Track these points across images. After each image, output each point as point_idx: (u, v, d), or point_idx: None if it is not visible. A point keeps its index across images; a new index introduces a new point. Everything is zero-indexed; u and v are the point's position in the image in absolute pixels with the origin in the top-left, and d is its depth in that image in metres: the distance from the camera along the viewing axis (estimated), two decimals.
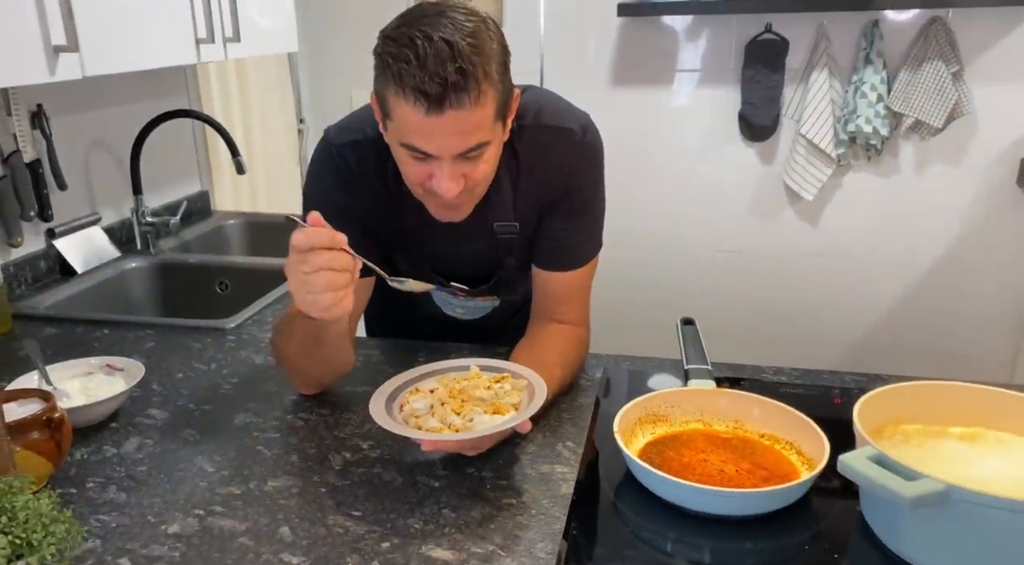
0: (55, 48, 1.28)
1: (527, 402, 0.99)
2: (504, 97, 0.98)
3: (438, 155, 0.97)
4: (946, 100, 2.36)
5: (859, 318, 2.74)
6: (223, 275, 1.93)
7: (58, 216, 1.78)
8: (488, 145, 0.99)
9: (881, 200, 2.61)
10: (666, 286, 2.84)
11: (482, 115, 0.94)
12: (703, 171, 2.71)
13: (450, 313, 1.36)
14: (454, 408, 0.99)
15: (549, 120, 1.13)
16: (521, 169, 1.13)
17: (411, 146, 0.97)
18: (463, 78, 0.90)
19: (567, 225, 1.18)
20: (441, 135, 0.95)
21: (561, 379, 1.16)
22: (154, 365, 1.33)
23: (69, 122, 1.82)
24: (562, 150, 1.13)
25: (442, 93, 0.90)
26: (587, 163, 1.16)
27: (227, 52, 1.79)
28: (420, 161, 0.99)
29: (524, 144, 1.12)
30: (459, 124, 0.93)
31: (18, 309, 1.56)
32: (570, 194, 1.16)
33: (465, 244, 1.20)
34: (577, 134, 1.13)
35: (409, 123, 0.94)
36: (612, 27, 2.61)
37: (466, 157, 0.98)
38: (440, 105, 0.91)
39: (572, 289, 1.23)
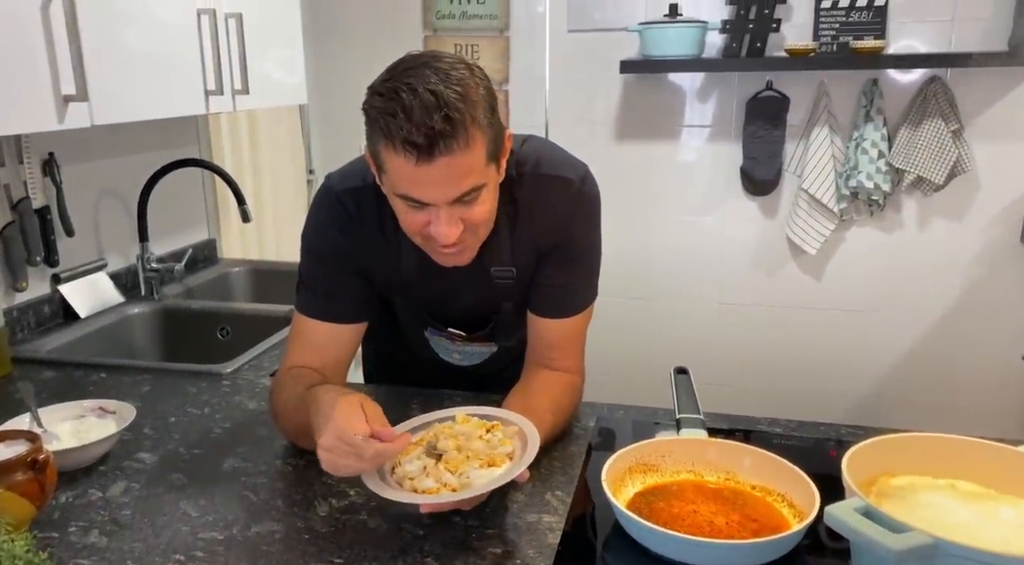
0: (65, 97, 1.32)
1: (520, 451, 0.98)
2: (494, 139, 0.99)
3: (433, 203, 0.98)
4: (947, 157, 2.37)
5: (863, 373, 2.71)
6: (225, 321, 1.94)
7: (64, 262, 1.81)
8: (483, 188, 1.00)
9: (884, 255, 2.61)
10: (666, 338, 2.83)
11: (473, 160, 0.95)
12: (706, 224, 2.73)
13: (447, 359, 1.35)
14: (447, 467, 0.97)
15: (548, 169, 1.14)
16: (519, 215, 1.14)
17: (407, 197, 0.98)
18: (450, 126, 0.91)
19: (563, 273, 1.19)
20: (434, 184, 0.96)
21: (553, 425, 1.15)
22: (148, 409, 1.33)
23: (80, 170, 1.87)
24: (560, 198, 1.14)
25: (431, 142, 0.91)
26: (584, 213, 1.17)
27: (236, 104, 1.83)
28: (417, 210, 1.00)
29: (523, 192, 1.14)
30: (451, 171, 0.94)
31: (19, 353, 1.58)
32: (567, 242, 1.17)
33: (462, 289, 1.20)
34: (575, 184, 1.14)
35: (402, 174, 0.96)
36: (615, 83, 2.66)
37: (462, 202, 0.99)
38: (430, 154, 0.92)
39: (567, 336, 1.23)
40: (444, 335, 1.29)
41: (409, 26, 2.79)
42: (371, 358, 1.54)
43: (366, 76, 1.00)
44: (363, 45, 2.83)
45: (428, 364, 1.38)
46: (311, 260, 1.18)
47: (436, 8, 2.76)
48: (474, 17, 2.75)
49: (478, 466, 0.96)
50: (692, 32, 2.46)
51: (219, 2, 1.73)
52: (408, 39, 2.78)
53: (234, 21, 1.78)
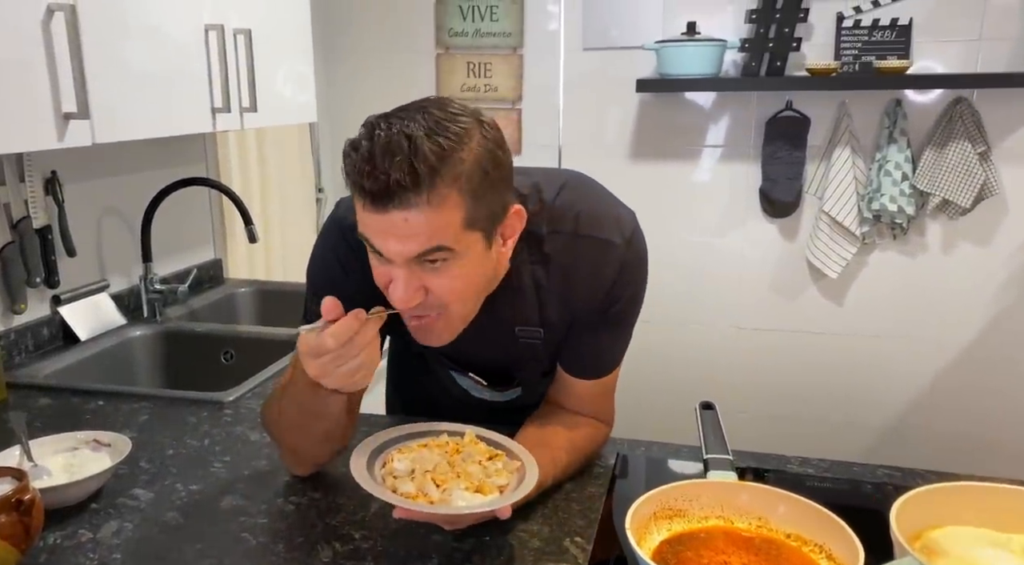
0: (65, 114, 1.28)
1: (514, 486, 0.93)
2: (485, 208, 0.87)
3: (388, 258, 0.87)
4: (973, 180, 2.31)
5: (888, 401, 2.63)
6: (229, 344, 1.88)
7: (66, 283, 1.76)
8: (452, 254, 0.87)
9: (908, 280, 2.53)
10: (686, 364, 2.76)
11: (438, 221, 0.83)
12: (723, 246, 2.66)
13: (477, 395, 1.25)
14: (435, 478, 0.92)
15: (588, 230, 1.02)
16: (551, 275, 1.03)
17: (367, 240, 0.88)
18: (412, 178, 0.80)
19: (599, 337, 1.09)
20: (386, 236, 0.85)
21: (567, 465, 1.08)
22: (145, 440, 1.27)
23: (83, 188, 1.82)
24: (602, 263, 1.02)
25: (384, 192, 0.81)
26: (629, 276, 1.04)
27: (243, 122, 1.79)
28: (381, 262, 0.90)
29: (558, 251, 1.02)
30: (407, 227, 0.83)
31: (15, 378, 1.52)
32: (607, 307, 1.06)
33: (484, 344, 1.09)
34: (620, 248, 1.02)
35: (361, 217, 0.87)
36: (631, 101, 2.61)
37: (424, 266, 0.87)
38: (382, 204, 0.82)
39: (597, 393, 1.15)
40: (470, 378, 1.20)
41: (421, 44, 2.75)
42: (396, 394, 1.45)
43: (377, 93, 0.96)
44: (375, 62, 2.79)
45: (456, 402, 1.27)
46: (312, 293, 1.08)
47: (449, 26, 2.72)
48: (487, 35, 2.71)
49: (464, 488, 0.91)
50: (710, 51, 2.41)
51: (227, 17, 1.69)
52: (420, 57, 2.74)
53: (243, 37, 1.73)
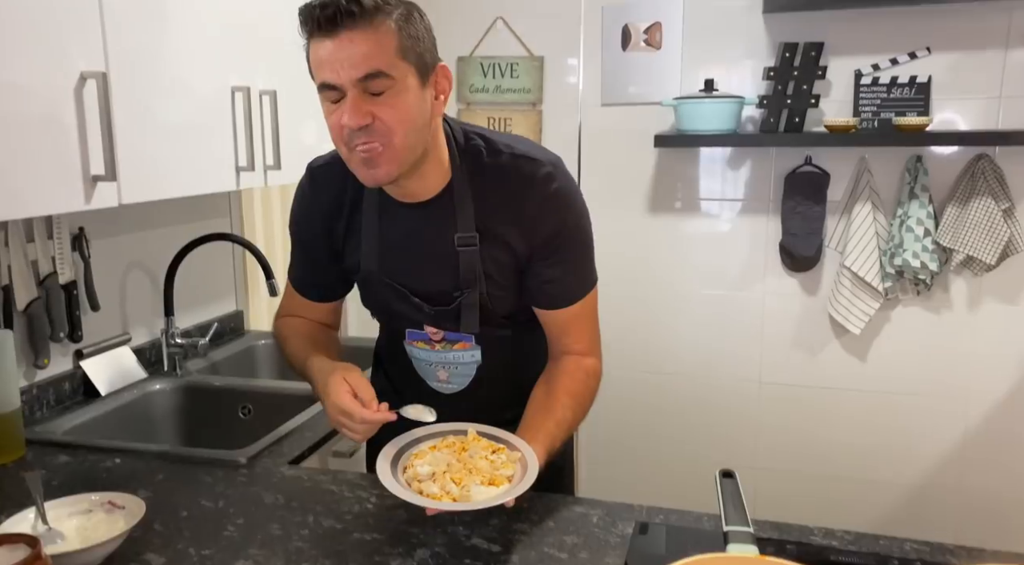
0: (94, 177, 1.31)
1: (520, 475, 1.08)
2: (414, 48, 1.06)
3: (339, 82, 1.03)
4: (998, 237, 2.28)
5: (915, 461, 2.56)
6: (247, 399, 1.89)
7: (89, 336, 1.78)
8: (392, 81, 1.04)
9: (933, 336, 2.49)
10: (706, 419, 2.72)
11: (378, 43, 1.02)
12: (744, 300, 2.64)
13: (435, 385, 1.33)
14: (453, 477, 1.07)
15: (522, 151, 1.19)
16: (487, 185, 1.18)
17: (323, 84, 1.05)
18: (355, 5, 0.99)
19: (555, 267, 1.22)
20: (338, 59, 1.02)
21: (574, 415, 1.23)
22: (160, 501, 1.26)
23: (109, 244, 1.85)
24: (532, 178, 1.17)
25: (333, 16, 1.00)
26: (563, 200, 1.19)
27: (267, 179, 1.82)
28: (335, 107, 1.06)
29: (494, 165, 1.18)
30: (353, 48, 1.01)
31: (34, 434, 1.53)
32: (553, 235, 1.19)
33: (426, 260, 1.22)
34: (547, 167, 1.18)
35: (316, 58, 1.05)
36: (649, 155, 2.63)
37: (371, 94, 1.04)
38: (333, 27, 1.00)
39: (575, 321, 1.27)
40: (422, 337, 1.29)
41: None
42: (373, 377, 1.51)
43: None
44: None
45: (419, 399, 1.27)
46: (291, 236, 1.35)
47: (470, 82, 2.77)
48: (508, 91, 2.75)
49: (479, 482, 1.07)
50: (728, 107, 2.42)
51: (254, 80, 1.73)
52: None
53: (268, 98, 1.78)
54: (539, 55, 2.71)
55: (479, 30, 2.73)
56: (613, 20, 2.62)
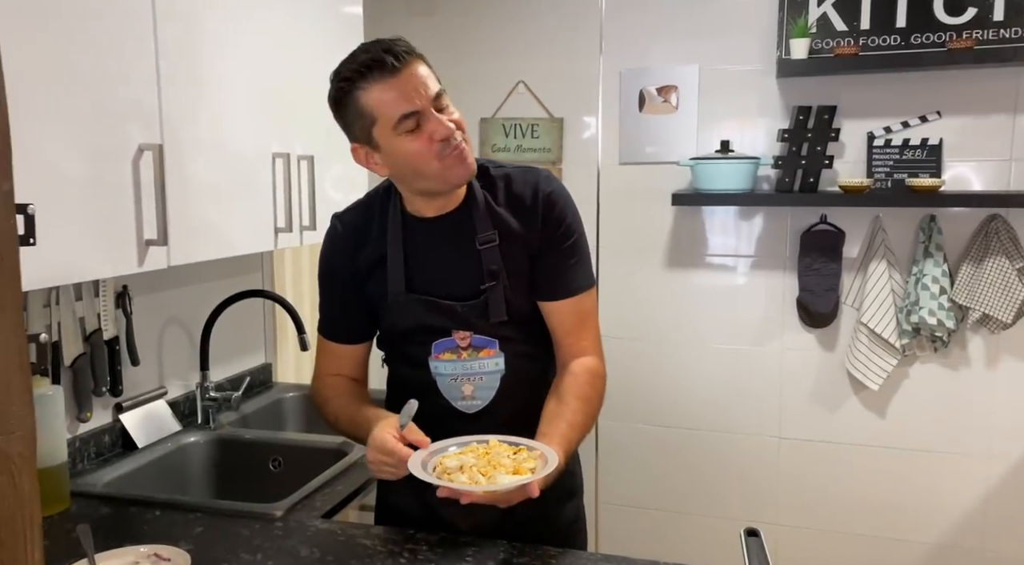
0: (147, 242, 1.39)
1: (541, 468, 1.18)
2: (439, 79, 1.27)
3: (421, 107, 1.21)
4: (1013, 296, 2.32)
5: (936, 520, 2.56)
6: (277, 452, 1.93)
7: (128, 390, 1.84)
8: (447, 98, 1.25)
9: (952, 393, 2.51)
10: (727, 474, 2.73)
11: (429, 70, 1.24)
12: (762, 356, 2.68)
13: (459, 404, 1.38)
14: (481, 470, 1.17)
15: (520, 165, 1.41)
16: (497, 193, 1.36)
17: (403, 116, 1.21)
18: (404, 49, 1.21)
19: (556, 259, 1.36)
20: (413, 88, 1.20)
21: (584, 420, 1.32)
22: (201, 553, 1.31)
23: (149, 300, 1.93)
24: (532, 182, 1.36)
25: (395, 56, 1.19)
26: (559, 200, 1.36)
27: (303, 239, 1.90)
28: (418, 132, 1.22)
29: (499, 177, 1.37)
30: (419, 76, 1.22)
31: (77, 486, 1.58)
32: (556, 229, 1.35)
33: (453, 262, 1.35)
34: (542, 172, 1.38)
35: (387, 99, 1.20)
36: (666, 212, 2.70)
37: (440, 108, 1.23)
38: (398, 63, 1.19)
39: (577, 316, 1.38)
40: (448, 347, 1.36)
41: None
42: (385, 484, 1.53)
43: None
44: None
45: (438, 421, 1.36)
46: (319, 286, 1.46)
47: (492, 141, 2.87)
48: (528, 150, 2.85)
49: (505, 473, 1.16)
50: (744, 167, 2.50)
51: (293, 146, 1.83)
52: None
53: (306, 163, 1.87)
54: (559, 116, 2.81)
55: (502, 93, 2.84)
56: (630, 83, 2.72)
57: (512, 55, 2.81)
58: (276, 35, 1.78)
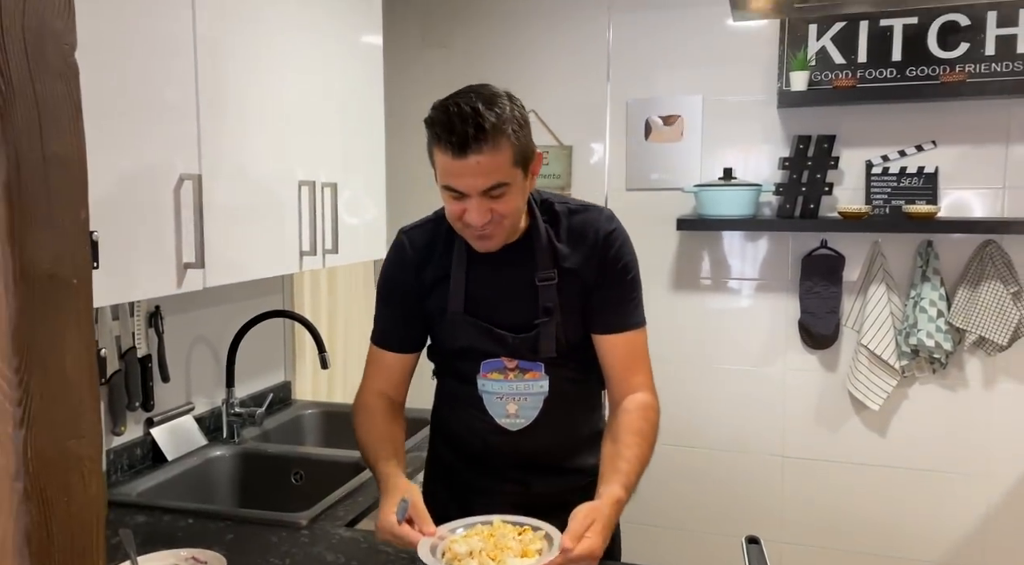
0: (185, 264, 1.48)
1: (548, 548, 1.21)
2: (522, 151, 1.26)
3: (467, 193, 1.24)
4: (1008, 319, 2.40)
5: (936, 539, 2.61)
6: (299, 466, 2.02)
7: (158, 406, 1.93)
8: (508, 186, 1.25)
9: (951, 413, 2.58)
10: (730, 493, 2.79)
11: (499, 161, 1.23)
12: (766, 376, 2.75)
13: (503, 421, 1.43)
14: (489, 554, 1.18)
15: (584, 203, 1.46)
16: (560, 231, 1.40)
17: (448, 187, 1.27)
18: (481, 133, 1.20)
19: (613, 295, 1.41)
20: (467, 176, 1.23)
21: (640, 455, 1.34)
22: (233, 558, 1.38)
23: (179, 319, 2.03)
24: (595, 222, 1.41)
25: (464, 143, 1.20)
26: (619, 239, 1.41)
27: (325, 262, 1.99)
28: (457, 200, 1.27)
29: (563, 214, 1.41)
30: (480, 168, 1.22)
31: (114, 495, 1.67)
32: (614, 266, 1.40)
33: (510, 294, 1.39)
34: (605, 213, 1.44)
35: (444, 168, 1.25)
36: (672, 236, 2.79)
37: (491, 195, 1.25)
38: (462, 152, 1.21)
39: (631, 352, 1.43)
40: (496, 367, 1.41)
41: None
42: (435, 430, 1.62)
43: None
44: (436, 199, 3.01)
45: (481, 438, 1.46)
46: (377, 295, 1.51)
47: None
48: (539, 177, 2.93)
49: (513, 556, 1.19)
50: (747, 194, 2.59)
51: (318, 174, 1.93)
52: None
53: (330, 190, 1.97)
54: (568, 144, 2.91)
55: None
56: (637, 113, 2.82)
57: (524, 85, 2.91)
58: (300, 66, 1.89)
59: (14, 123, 0.66)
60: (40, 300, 0.71)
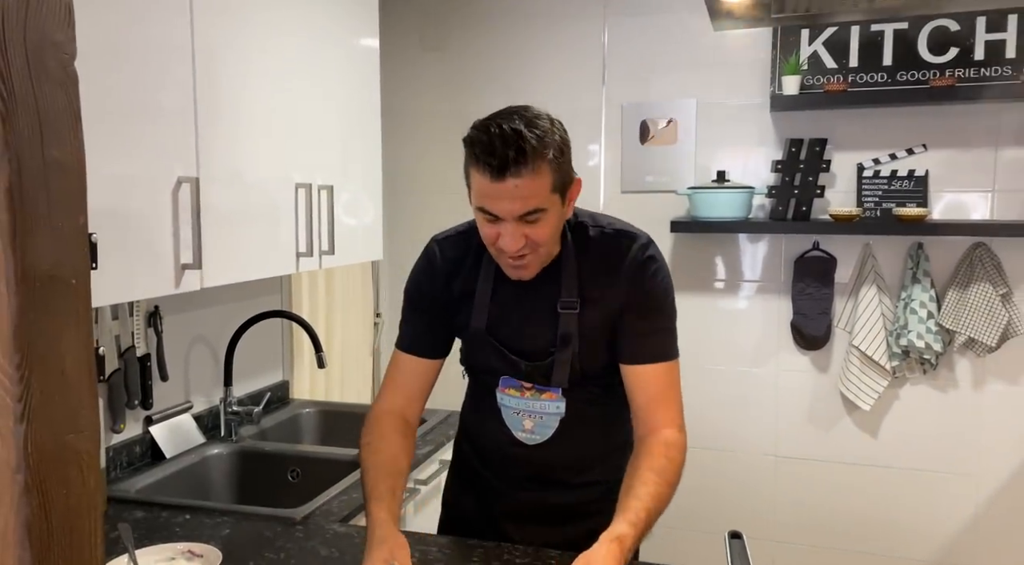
0: (183, 266, 1.52)
1: None
2: (561, 177, 1.23)
3: (502, 216, 1.22)
4: (997, 320, 2.42)
5: (927, 537, 2.64)
6: (295, 463, 2.05)
7: (156, 404, 1.96)
8: (545, 212, 1.22)
9: (940, 414, 2.61)
10: (723, 491, 2.82)
11: (538, 186, 1.19)
12: (759, 377, 2.79)
13: (519, 435, 1.42)
14: None
15: (620, 227, 1.39)
16: (590, 256, 1.35)
17: (483, 209, 1.24)
18: (522, 156, 1.17)
19: (646, 323, 1.36)
20: (504, 200, 1.20)
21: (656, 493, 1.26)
22: (229, 552, 1.42)
23: (178, 320, 2.06)
24: (629, 249, 1.35)
25: (504, 166, 1.17)
26: (655, 266, 1.36)
27: (322, 263, 2.03)
28: (491, 223, 1.25)
29: (595, 239, 1.36)
30: (518, 191, 1.19)
31: (113, 492, 1.70)
32: (643, 295, 1.35)
33: (531, 315, 1.37)
34: (642, 238, 1.37)
35: (480, 189, 1.22)
36: (666, 238, 2.80)
37: (526, 220, 1.22)
38: (501, 174, 1.18)
39: (662, 386, 1.35)
40: (513, 385, 1.41)
41: None
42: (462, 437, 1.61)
43: (433, 227, 1.33)
44: (433, 201, 3.07)
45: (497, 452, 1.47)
46: (405, 301, 1.49)
47: None
48: None
49: None
50: (740, 197, 2.62)
51: (314, 177, 1.96)
52: None
53: (326, 192, 2.00)
54: None
55: None
56: (632, 116, 2.86)
57: (520, 89, 2.96)
58: (297, 70, 1.92)
59: (16, 130, 0.69)
60: (40, 300, 0.74)
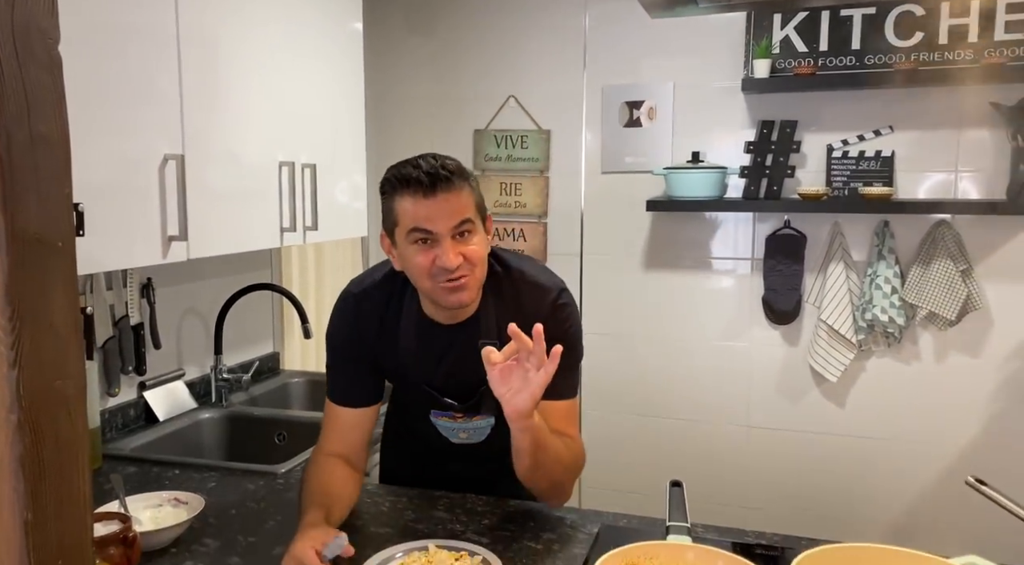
0: (169, 237, 1.63)
1: None
2: (481, 202, 1.37)
3: (437, 231, 1.30)
4: (957, 295, 2.52)
5: (890, 499, 2.76)
6: (283, 427, 2.17)
7: (150, 370, 2.08)
8: (474, 226, 1.33)
9: (904, 385, 2.72)
10: (699, 459, 2.94)
11: (466, 200, 1.32)
12: (732, 350, 2.89)
13: (455, 440, 1.54)
14: None
15: (532, 277, 1.47)
16: (505, 305, 1.43)
17: (417, 229, 1.31)
18: (448, 173, 1.30)
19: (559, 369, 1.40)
20: (438, 214, 1.30)
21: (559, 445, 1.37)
22: (214, 501, 1.54)
23: (171, 291, 2.17)
24: (540, 303, 1.43)
25: (433, 181, 1.29)
26: (564, 316, 1.45)
27: (306, 238, 2.13)
28: (426, 249, 1.32)
29: (507, 287, 1.45)
30: (448, 204, 1.30)
31: (108, 450, 1.83)
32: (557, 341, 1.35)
33: (453, 360, 1.45)
34: (552, 292, 1.45)
35: (414, 213, 1.30)
36: (644, 217, 2.91)
37: (460, 237, 1.31)
38: (434, 188, 1.29)
39: (566, 417, 1.46)
40: (446, 415, 1.51)
41: None
42: (388, 456, 1.73)
43: None
44: None
45: (438, 451, 1.57)
46: (328, 351, 1.52)
47: (485, 152, 3.11)
48: (519, 160, 3.08)
49: None
50: (713, 176, 2.72)
51: (298, 155, 2.07)
52: None
53: (309, 170, 2.10)
54: (547, 128, 3.04)
55: (493, 107, 3.07)
56: (612, 99, 2.95)
57: (504, 72, 3.05)
58: (282, 51, 2.02)
59: (6, 108, 0.79)
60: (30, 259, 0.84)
